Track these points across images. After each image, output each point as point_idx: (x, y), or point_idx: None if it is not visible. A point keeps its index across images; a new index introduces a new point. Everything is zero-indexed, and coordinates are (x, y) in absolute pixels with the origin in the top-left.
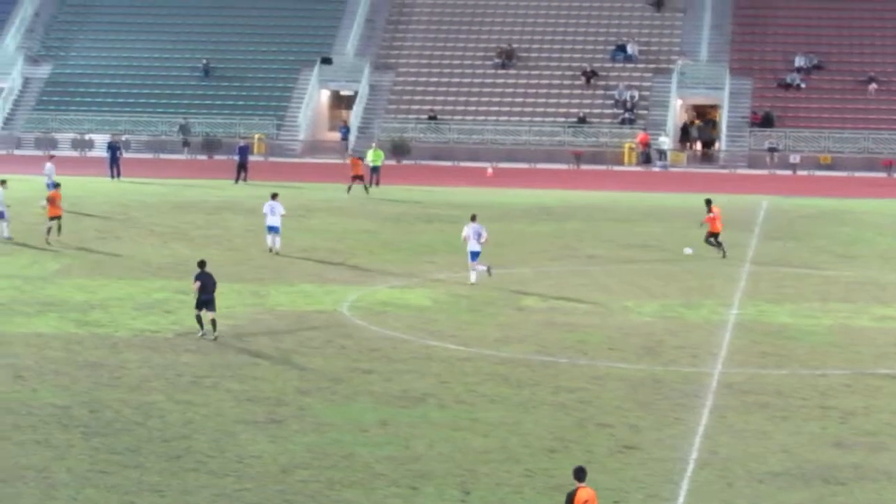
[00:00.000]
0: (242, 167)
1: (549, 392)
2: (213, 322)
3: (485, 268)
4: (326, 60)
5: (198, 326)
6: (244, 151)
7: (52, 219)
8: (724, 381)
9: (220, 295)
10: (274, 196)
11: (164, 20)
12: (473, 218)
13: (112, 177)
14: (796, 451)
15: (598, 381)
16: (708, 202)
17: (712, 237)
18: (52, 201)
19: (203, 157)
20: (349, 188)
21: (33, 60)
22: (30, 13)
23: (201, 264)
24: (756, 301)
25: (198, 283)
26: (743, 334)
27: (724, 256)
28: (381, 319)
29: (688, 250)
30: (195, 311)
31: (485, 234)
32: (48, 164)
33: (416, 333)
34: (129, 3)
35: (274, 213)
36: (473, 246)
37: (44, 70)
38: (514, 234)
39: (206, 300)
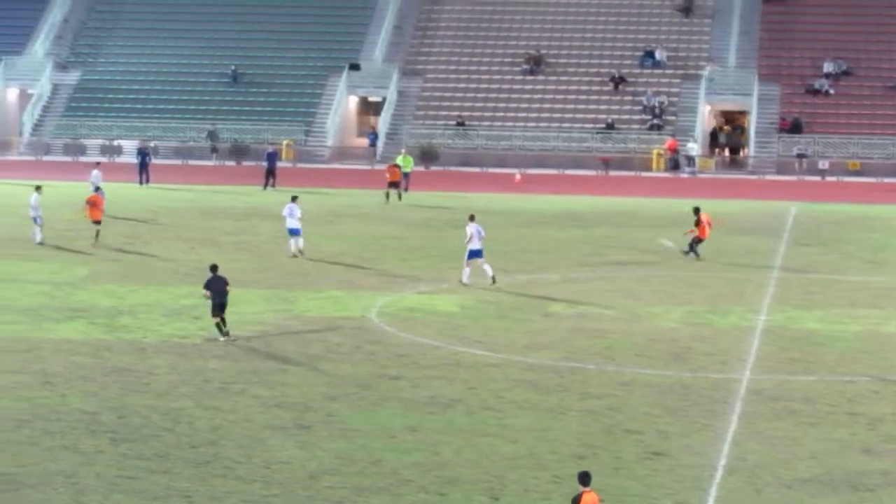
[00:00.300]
0: (271, 173)
1: (577, 398)
2: (223, 320)
3: (490, 270)
4: (355, 66)
5: (218, 333)
6: (272, 157)
7: (94, 223)
8: (752, 387)
9: (248, 301)
10: (294, 199)
11: (192, 26)
12: (472, 218)
13: (141, 183)
14: (825, 458)
15: (626, 387)
16: (696, 210)
17: (697, 243)
18: (92, 204)
19: (231, 164)
20: (387, 195)
21: (62, 67)
22: (59, 19)
23: (213, 268)
24: (784, 307)
25: (207, 292)
26: (771, 340)
27: (697, 258)
28: (409, 325)
29: (668, 243)
30: (213, 319)
31: (483, 234)
32: (94, 171)
33: (444, 339)
34: (157, 9)
35: (293, 216)
36: (475, 244)
37: (73, 76)
38: (542, 240)
39: (221, 304)
